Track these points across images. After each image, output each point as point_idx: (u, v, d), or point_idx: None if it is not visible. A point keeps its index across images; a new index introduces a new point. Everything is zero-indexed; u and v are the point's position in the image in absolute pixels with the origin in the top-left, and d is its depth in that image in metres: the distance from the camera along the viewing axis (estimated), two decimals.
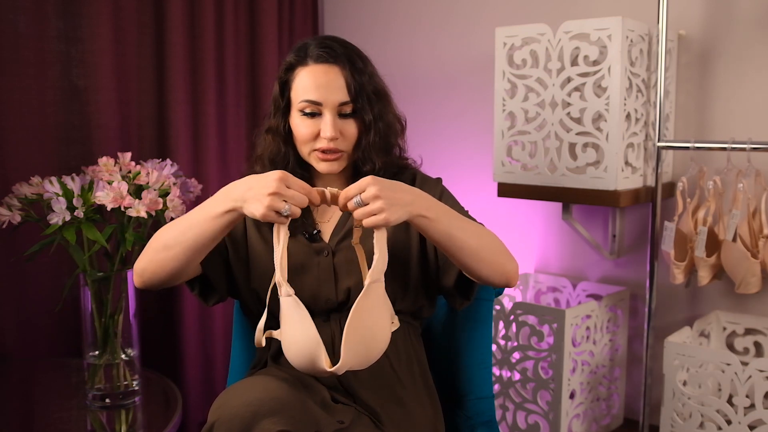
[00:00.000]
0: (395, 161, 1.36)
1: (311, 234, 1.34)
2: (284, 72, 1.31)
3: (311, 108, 1.26)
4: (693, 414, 1.79)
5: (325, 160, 1.28)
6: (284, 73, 1.31)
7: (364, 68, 1.29)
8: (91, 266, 1.53)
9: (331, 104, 1.26)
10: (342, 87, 1.26)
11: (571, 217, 2.11)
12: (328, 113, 1.26)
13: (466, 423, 1.47)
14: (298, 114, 1.28)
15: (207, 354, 2.32)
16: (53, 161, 1.94)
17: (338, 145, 1.28)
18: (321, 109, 1.26)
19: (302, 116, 1.28)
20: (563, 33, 1.90)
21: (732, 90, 1.99)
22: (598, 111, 1.88)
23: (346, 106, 1.27)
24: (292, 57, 1.30)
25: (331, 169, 1.30)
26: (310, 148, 1.29)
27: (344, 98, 1.26)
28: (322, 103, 1.26)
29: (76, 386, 1.69)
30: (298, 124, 1.29)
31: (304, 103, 1.26)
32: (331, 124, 1.26)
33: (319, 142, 1.28)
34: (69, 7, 1.95)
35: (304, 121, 1.28)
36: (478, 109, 2.43)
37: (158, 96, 2.19)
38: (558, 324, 1.94)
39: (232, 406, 1.09)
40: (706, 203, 1.89)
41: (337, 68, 1.26)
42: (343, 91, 1.26)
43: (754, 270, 1.80)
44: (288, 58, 1.31)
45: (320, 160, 1.29)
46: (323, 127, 1.26)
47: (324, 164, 1.29)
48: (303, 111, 1.27)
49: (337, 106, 1.26)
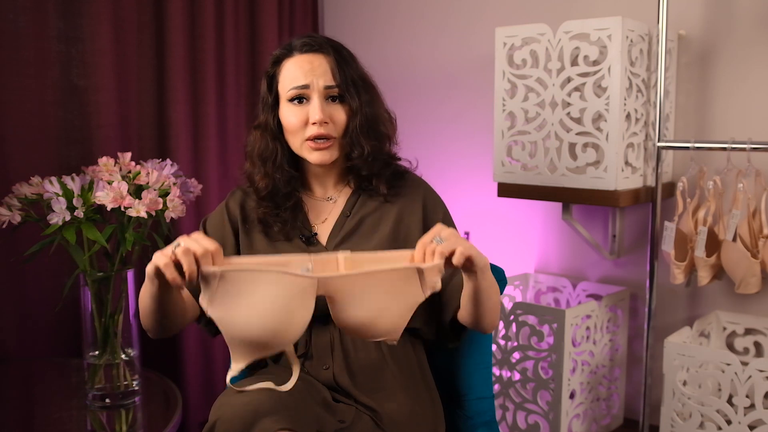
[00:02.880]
0: (387, 153, 1.36)
1: (308, 237, 1.34)
2: (271, 66, 1.33)
3: (299, 92, 1.28)
4: (693, 414, 1.79)
5: (317, 149, 1.29)
6: (271, 66, 1.33)
7: (349, 58, 1.32)
8: (91, 266, 1.53)
9: (317, 88, 1.28)
10: (327, 71, 1.29)
11: (571, 217, 2.11)
12: (316, 97, 1.28)
13: (466, 423, 1.47)
14: (287, 104, 1.30)
15: (207, 354, 2.32)
16: (53, 161, 1.94)
17: (328, 130, 1.29)
18: (308, 93, 1.28)
19: (291, 104, 1.29)
20: (563, 33, 1.90)
21: (732, 90, 1.99)
22: (598, 111, 1.88)
23: (332, 89, 1.29)
24: (278, 51, 1.33)
25: (323, 159, 1.30)
26: (301, 138, 1.30)
27: (330, 82, 1.28)
28: (309, 86, 1.28)
29: (76, 386, 1.69)
30: (287, 114, 1.30)
31: (293, 90, 1.29)
32: (319, 107, 1.27)
33: (309, 130, 1.29)
34: (69, 7, 1.95)
35: (293, 108, 1.29)
36: (478, 109, 2.43)
37: (158, 96, 2.19)
38: (558, 324, 1.94)
39: (233, 405, 1.09)
40: (706, 203, 1.89)
41: (322, 56, 1.30)
42: (329, 76, 1.29)
43: (754, 270, 1.80)
44: (274, 53, 1.34)
45: (312, 149, 1.30)
46: (311, 111, 1.28)
47: (316, 153, 1.30)
48: (291, 99, 1.29)
49: (324, 89, 1.28)
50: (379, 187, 1.34)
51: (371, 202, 1.36)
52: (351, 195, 1.38)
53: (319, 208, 1.38)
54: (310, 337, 1.31)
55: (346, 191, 1.39)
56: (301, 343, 1.31)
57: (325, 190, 1.39)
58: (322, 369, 1.29)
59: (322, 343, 1.30)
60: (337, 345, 1.30)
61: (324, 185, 1.39)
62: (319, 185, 1.39)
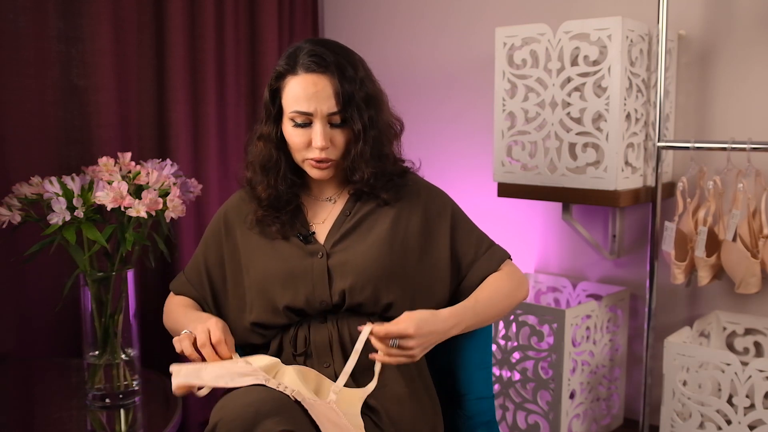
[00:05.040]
0: (389, 168, 1.36)
1: (305, 236, 1.34)
2: (274, 80, 1.32)
3: (302, 118, 1.28)
4: (693, 414, 1.79)
5: (318, 168, 1.31)
6: (274, 80, 1.32)
7: (354, 75, 1.29)
8: (91, 266, 1.53)
9: (320, 114, 1.27)
10: (331, 96, 1.27)
11: (571, 217, 2.11)
12: (318, 123, 1.28)
13: (466, 423, 1.47)
14: (290, 123, 1.30)
15: None
16: (53, 161, 1.93)
17: (329, 154, 1.30)
18: (311, 119, 1.28)
19: (294, 126, 1.30)
20: (563, 33, 1.90)
21: (732, 90, 1.99)
22: (598, 111, 1.88)
23: (335, 116, 1.28)
24: (282, 65, 1.31)
25: (323, 176, 1.33)
26: (302, 157, 1.32)
27: (333, 108, 1.27)
28: (312, 114, 1.27)
29: (76, 386, 1.69)
30: (290, 133, 1.31)
31: (295, 114, 1.28)
32: (321, 134, 1.27)
33: (311, 152, 1.30)
34: (69, 7, 1.95)
35: (296, 131, 1.30)
36: (478, 109, 2.43)
37: (158, 96, 2.19)
38: (558, 324, 1.95)
39: (235, 406, 1.09)
40: (706, 203, 1.89)
41: (326, 78, 1.26)
42: (332, 101, 1.27)
43: (754, 270, 1.80)
44: (278, 67, 1.31)
45: (312, 167, 1.32)
46: (314, 136, 1.28)
47: (316, 171, 1.32)
48: (294, 121, 1.29)
49: (327, 116, 1.27)
50: (380, 193, 1.36)
51: (371, 202, 1.37)
52: (351, 196, 1.38)
53: (319, 209, 1.39)
54: (309, 336, 1.31)
55: (346, 192, 1.39)
56: (300, 342, 1.32)
57: (325, 191, 1.40)
58: (324, 367, 1.29)
59: (321, 341, 1.30)
60: (336, 343, 1.30)
61: (324, 188, 1.40)
62: (319, 187, 1.40)
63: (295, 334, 1.32)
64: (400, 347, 1.19)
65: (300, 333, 1.32)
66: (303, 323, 1.32)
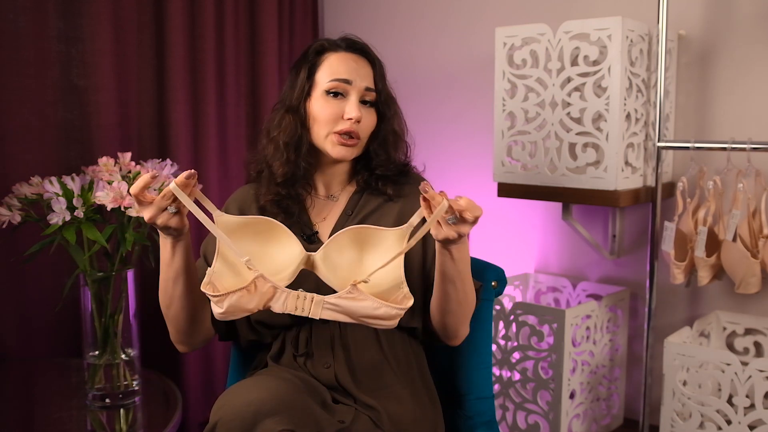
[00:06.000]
0: (401, 162, 1.41)
1: (309, 235, 1.34)
2: (314, 54, 1.35)
3: (340, 87, 1.31)
4: (693, 414, 1.79)
5: (342, 144, 1.31)
6: (314, 55, 1.35)
7: (384, 74, 1.38)
8: (91, 266, 1.53)
9: (358, 87, 1.31)
10: (369, 75, 1.34)
11: (571, 217, 2.11)
12: (354, 95, 1.31)
13: (466, 423, 1.47)
14: (323, 95, 1.32)
15: (207, 354, 2.32)
16: (53, 161, 1.94)
17: (359, 129, 1.31)
18: (348, 89, 1.31)
19: (326, 96, 1.31)
20: (563, 33, 1.90)
21: (732, 90, 1.99)
22: (598, 111, 1.88)
23: (370, 93, 1.33)
24: (323, 42, 1.36)
25: (345, 155, 1.32)
26: (328, 130, 1.31)
27: (371, 85, 1.33)
28: (351, 82, 1.31)
29: (76, 386, 1.69)
30: (321, 105, 1.31)
31: (334, 82, 1.31)
32: (355, 105, 1.31)
33: (340, 124, 1.31)
34: (69, 7, 1.95)
35: (329, 101, 1.31)
36: (478, 109, 2.43)
37: (158, 96, 2.19)
38: (558, 324, 1.95)
39: (234, 406, 1.09)
40: (706, 203, 1.89)
41: (366, 61, 1.35)
42: (370, 79, 1.34)
43: (754, 270, 1.80)
44: (316, 44, 1.36)
45: (337, 143, 1.31)
46: (348, 107, 1.30)
47: (339, 148, 1.31)
48: (329, 91, 1.31)
49: (363, 90, 1.32)
50: (386, 189, 1.36)
51: (374, 200, 1.37)
52: (354, 194, 1.39)
53: (321, 206, 1.39)
54: (311, 336, 1.31)
55: (349, 190, 1.40)
56: (302, 342, 1.31)
57: (329, 188, 1.40)
58: (324, 368, 1.29)
59: (322, 341, 1.30)
60: (338, 343, 1.30)
61: (328, 183, 1.40)
62: (323, 183, 1.40)
63: (297, 334, 1.32)
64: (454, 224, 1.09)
65: (302, 333, 1.32)
66: (305, 323, 1.32)
